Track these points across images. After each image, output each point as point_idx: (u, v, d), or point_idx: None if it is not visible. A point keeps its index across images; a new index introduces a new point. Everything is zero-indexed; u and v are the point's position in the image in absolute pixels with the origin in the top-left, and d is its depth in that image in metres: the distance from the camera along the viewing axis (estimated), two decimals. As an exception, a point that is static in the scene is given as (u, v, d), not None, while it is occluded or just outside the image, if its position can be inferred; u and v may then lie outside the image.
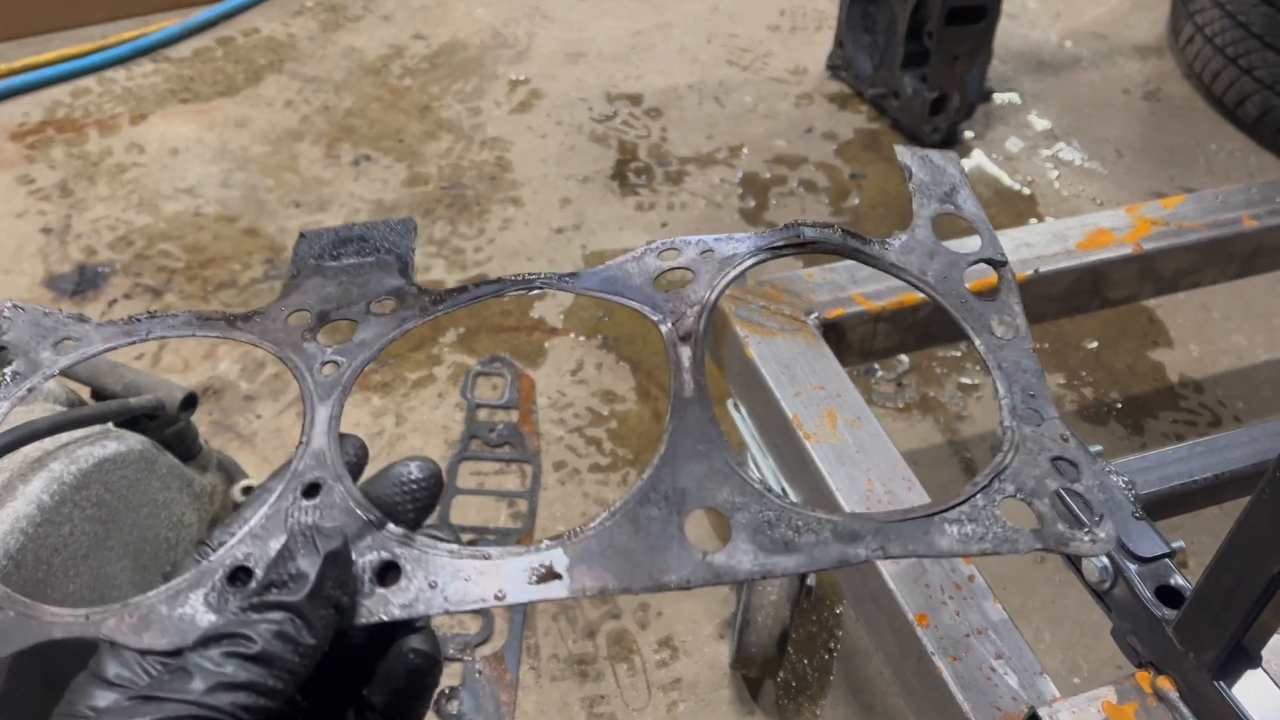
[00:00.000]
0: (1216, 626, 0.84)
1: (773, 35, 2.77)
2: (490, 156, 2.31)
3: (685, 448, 0.51)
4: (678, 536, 0.47)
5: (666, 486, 0.49)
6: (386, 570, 0.49)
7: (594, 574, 0.47)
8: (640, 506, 0.48)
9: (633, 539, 0.47)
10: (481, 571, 0.47)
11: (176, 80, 2.47)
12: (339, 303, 0.62)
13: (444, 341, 1.87)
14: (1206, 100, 2.56)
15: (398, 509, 0.53)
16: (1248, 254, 1.54)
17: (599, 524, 0.49)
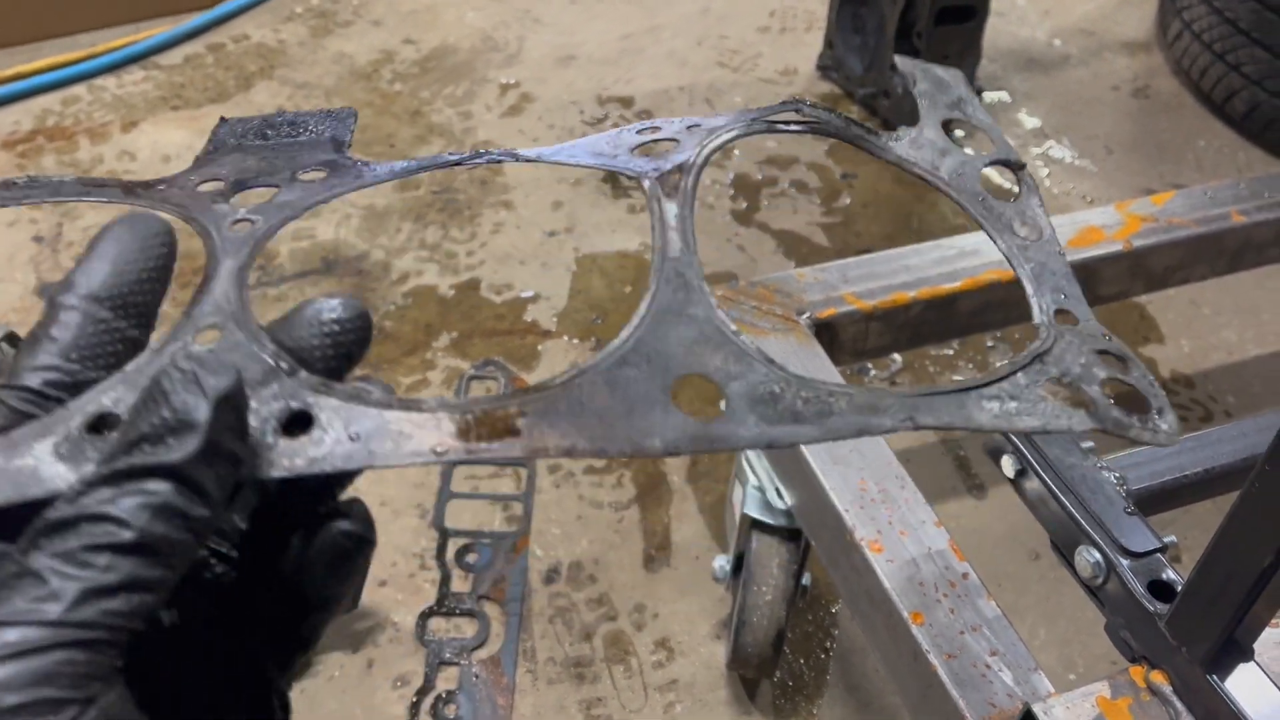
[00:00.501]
0: (1208, 620, 0.85)
1: (763, 37, 2.78)
2: (482, 160, 2.31)
3: (671, 311, 0.43)
4: (661, 399, 0.40)
5: (648, 349, 0.41)
6: (296, 421, 0.39)
7: (559, 432, 0.38)
8: (616, 368, 0.41)
9: (608, 398, 0.40)
10: (418, 424, 0.38)
11: (167, 87, 2.47)
12: (259, 172, 0.53)
13: (437, 346, 1.88)
14: (1195, 96, 2.57)
15: (314, 355, 0.43)
16: (1236, 249, 1.55)
17: (564, 380, 0.40)
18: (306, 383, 0.40)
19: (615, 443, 0.39)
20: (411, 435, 0.38)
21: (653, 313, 0.43)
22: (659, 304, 0.43)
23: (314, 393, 0.39)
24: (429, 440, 0.38)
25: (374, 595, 1.50)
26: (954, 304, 1.42)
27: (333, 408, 0.39)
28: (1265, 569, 0.78)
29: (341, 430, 0.38)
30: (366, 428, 0.38)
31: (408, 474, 1.66)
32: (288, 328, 0.43)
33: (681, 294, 0.44)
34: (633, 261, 2.08)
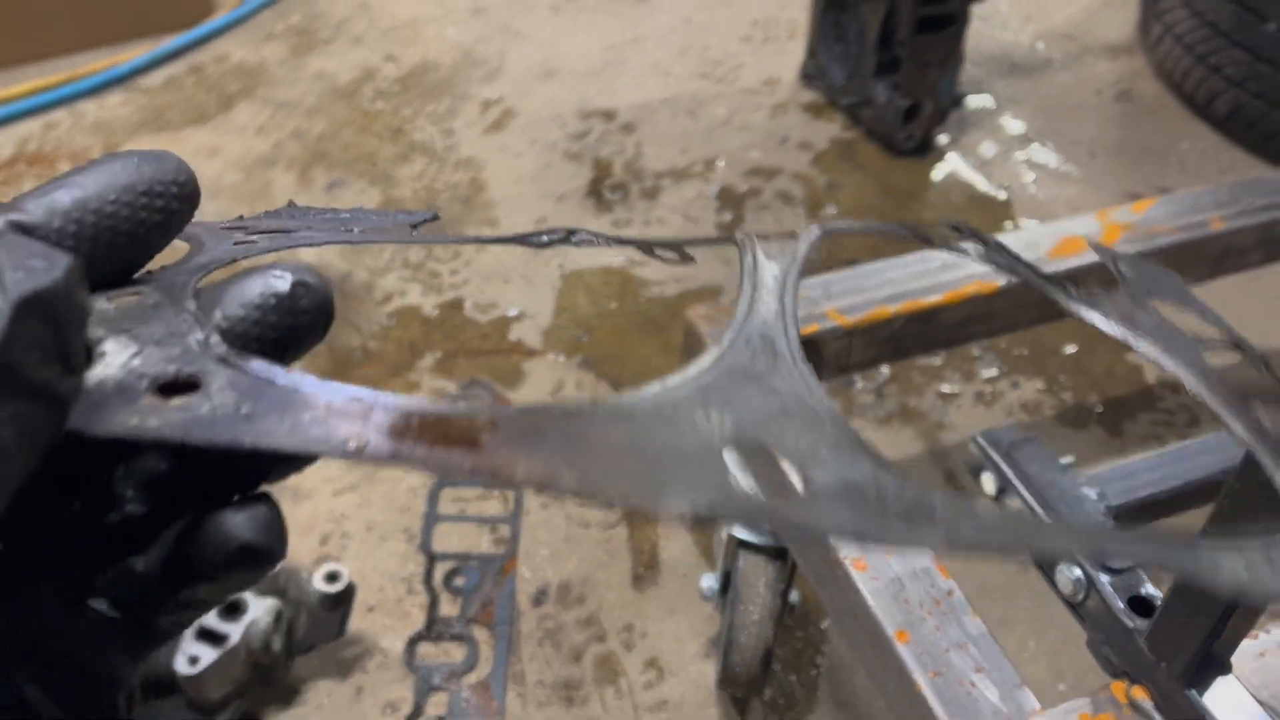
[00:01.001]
0: (1186, 635, 0.85)
1: (745, 46, 2.78)
2: (464, 178, 2.31)
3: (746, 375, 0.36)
4: (705, 453, 0.31)
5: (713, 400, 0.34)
6: (176, 385, 0.31)
7: (536, 458, 0.30)
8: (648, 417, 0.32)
9: (624, 438, 0.31)
10: (340, 412, 0.30)
11: (148, 110, 2.47)
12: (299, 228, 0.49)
13: (421, 366, 1.87)
14: (1177, 99, 2.57)
15: (248, 334, 0.35)
16: (1217, 255, 1.55)
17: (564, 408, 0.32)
18: (215, 352, 0.32)
19: (617, 487, 0.30)
20: (324, 420, 0.30)
21: (718, 371, 0.36)
22: (729, 364, 0.36)
23: (220, 363, 0.32)
24: (344, 429, 0.30)
25: (362, 621, 1.50)
26: (936, 317, 1.41)
27: (233, 380, 0.31)
28: (1242, 587, 0.77)
29: (230, 403, 0.30)
30: (266, 405, 0.30)
31: (395, 498, 1.65)
32: (219, 295, 0.36)
33: (765, 361, 0.37)
34: (618, 277, 2.07)
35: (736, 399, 0.35)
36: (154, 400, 0.31)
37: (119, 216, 0.35)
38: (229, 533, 0.33)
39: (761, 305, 0.40)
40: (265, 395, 0.31)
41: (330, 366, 1.85)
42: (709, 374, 0.35)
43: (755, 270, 0.42)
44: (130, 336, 0.33)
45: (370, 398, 0.31)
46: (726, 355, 0.37)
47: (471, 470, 0.30)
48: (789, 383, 0.36)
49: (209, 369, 0.32)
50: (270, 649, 1.29)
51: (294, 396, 0.31)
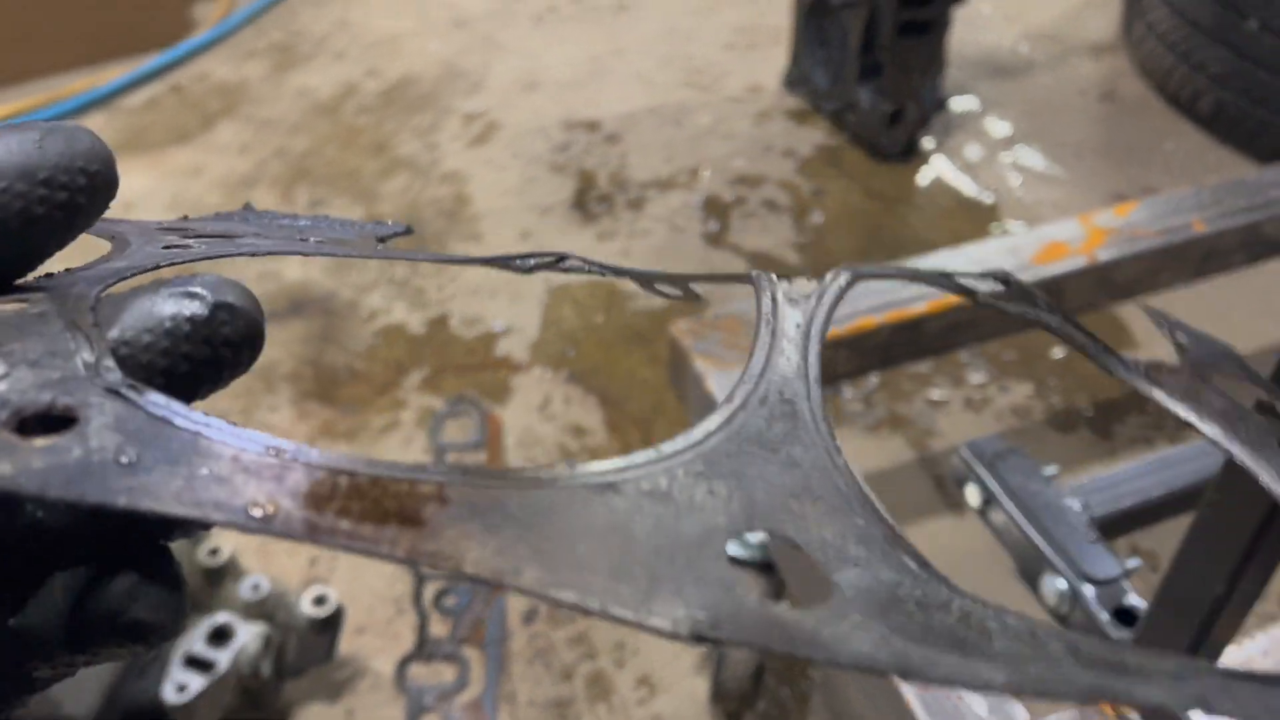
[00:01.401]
0: (1169, 646, 0.84)
1: (729, 54, 2.77)
2: (449, 192, 2.30)
3: (760, 442, 0.30)
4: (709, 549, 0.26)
5: (720, 472, 0.28)
6: (48, 420, 0.25)
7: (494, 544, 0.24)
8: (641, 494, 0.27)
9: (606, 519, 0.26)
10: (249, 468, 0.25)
11: (129, 131, 2.46)
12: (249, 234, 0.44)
13: (408, 384, 1.87)
14: (1161, 98, 2.57)
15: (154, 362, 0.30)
16: (1200, 258, 1.55)
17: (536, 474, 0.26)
18: (105, 380, 0.26)
19: (592, 587, 0.24)
20: (228, 478, 0.24)
21: (727, 435, 0.30)
22: (740, 427, 0.30)
23: (108, 395, 0.26)
24: (251, 491, 0.24)
25: (352, 643, 1.49)
26: (921, 326, 1.41)
27: (120, 417, 0.25)
28: (1219, 596, 0.77)
29: (111, 448, 0.25)
30: (157, 453, 0.25)
31: (382, 517, 1.65)
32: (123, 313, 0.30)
33: (783, 426, 0.31)
34: (604, 290, 2.07)
35: (748, 472, 0.28)
36: (11, 437, 0.24)
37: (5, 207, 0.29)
38: (117, 605, 0.29)
39: (781, 358, 0.34)
40: (158, 441, 0.25)
41: (315, 387, 1.84)
42: (715, 439, 0.29)
43: (775, 316, 0.36)
44: None
45: (291, 451, 0.25)
46: (738, 416, 0.31)
47: (408, 554, 0.24)
48: (811, 453, 0.30)
49: (91, 401, 0.26)
50: (259, 674, 1.28)
51: (194, 445, 0.25)
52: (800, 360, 0.34)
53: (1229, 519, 0.76)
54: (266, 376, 1.86)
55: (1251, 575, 0.79)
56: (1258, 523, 0.75)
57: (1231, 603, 0.80)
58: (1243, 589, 0.80)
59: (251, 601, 1.31)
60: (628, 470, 0.27)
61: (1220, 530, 0.77)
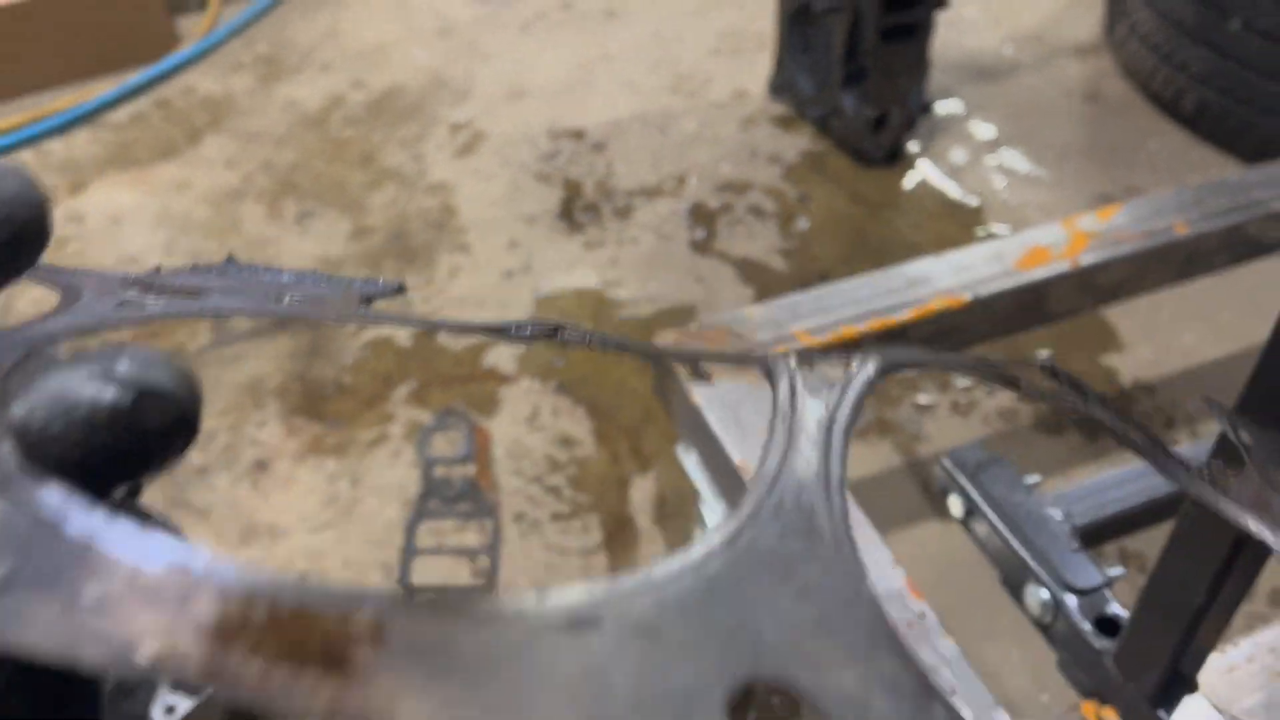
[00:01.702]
0: (1152, 655, 0.85)
1: (714, 60, 2.78)
2: (435, 203, 2.30)
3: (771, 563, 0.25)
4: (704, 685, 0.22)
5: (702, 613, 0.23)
6: None
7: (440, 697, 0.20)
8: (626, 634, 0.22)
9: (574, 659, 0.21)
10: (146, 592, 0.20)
11: (115, 147, 2.46)
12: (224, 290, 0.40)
13: (396, 398, 1.87)
14: (1145, 98, 2.58)
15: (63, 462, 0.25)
16: (1183, 260, 1.55)
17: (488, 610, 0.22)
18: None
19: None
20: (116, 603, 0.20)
21: (734, 555, 0.25)
22: (749, 544, 0.26)
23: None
24: (142, 622, 0.20)
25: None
26: (904, 334, 1.41)
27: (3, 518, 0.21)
28: (1199, 606, 0.78)
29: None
30: (33, 569, 0.20)
31: (372, 533, 1.65)
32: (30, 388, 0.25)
33: (799, 543, 0.26)
34: (591, 298, 2.07)
35: (756, 602, 0.24)
36: None
37: None
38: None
39: (799, 458, 0.29)
40: (40, 550, 0.21)
41: (303, 402, 1.84)
42: (718, 560, 0.25)
43: (793, 408, 0.31)
44: None
45: (201, 569, 0.20)
46: (746, 530, 0.26)
47: (329, 708, 0.19)
48: (832, 579, 0.25)
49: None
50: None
51: (83, 558, 0.21)
52: (821, 462, 0.29)
53: (1208, 526, 0.77)
54: (254, 392, 1.86)
55: (1232, 583, 0.79)
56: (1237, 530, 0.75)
57: (1213, 610, 0.80)
58: (1224, 597, 0.80)
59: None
60: (610, 599, 0.22)
61: (1200, 538, 0.78)
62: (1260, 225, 1.58)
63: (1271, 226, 1.59)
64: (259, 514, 1.67)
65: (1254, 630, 1.02)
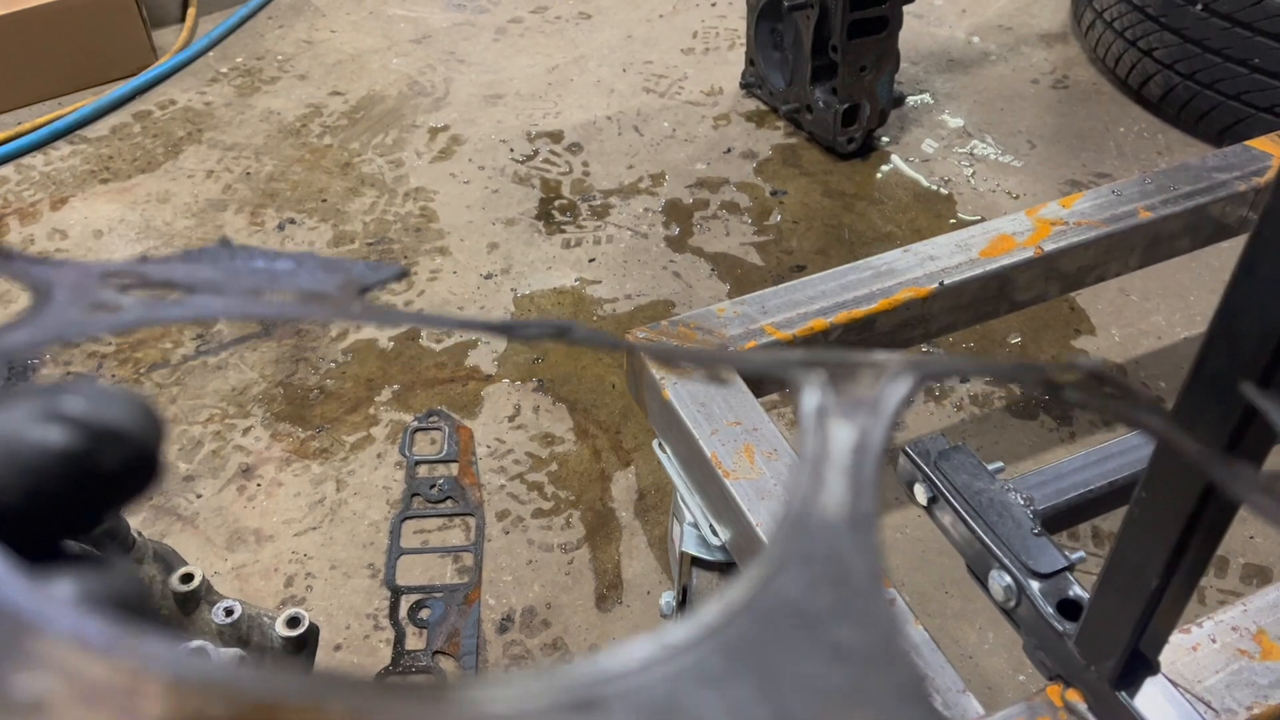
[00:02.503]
0: (1112, 637, 0.87)
1: (687, 59, 2.80)
2: (414, 208, 2.33)
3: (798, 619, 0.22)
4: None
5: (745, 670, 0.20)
6: None
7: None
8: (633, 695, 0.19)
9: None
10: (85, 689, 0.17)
11: (95, 160, 2.48)
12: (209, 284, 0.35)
13: (379, 400, 1.89)
14: (1112, 83, 2.61)
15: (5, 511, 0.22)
16: (1146, 245, 1.58)
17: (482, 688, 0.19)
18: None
19: None
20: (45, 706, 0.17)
21: (754, 616, 0.21)
22: (775, 599, 0.22)
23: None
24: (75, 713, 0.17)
25: (329, 660, 1.52)
26: (873, 324, 1.44)
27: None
28: (1155, 589, 0.80)
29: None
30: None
31: (357, 535, 1.67)
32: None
33: (829, 594, 0.22)
34: (570, 297, 2.10)
35: (782, 668, 0.20)
36: None
37: None
38: None
39: (828, 495, 0.25)
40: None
41: (288, 408, 1.87)
42: (740, 622, 0.21)
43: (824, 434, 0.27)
44: None
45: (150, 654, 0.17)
46: (771, 584, 0.22)
47: None
48: (867, 636, 0.21)
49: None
50: (238, 697, 1.31)
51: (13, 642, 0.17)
52: (852, 498, 0.25)
53: (1161, 510, 0.79)
54: (239, 400, 1.88)
55: (1186, 566, 0.82)
56: (1188, 515, 0.78)
57: (1169, 591, 0.83)
58: (1179, 579, 0.83)
59: (225, 625, 1.33)
60: (616, 676, 0.19)
61: (1153, 521, 0.80)
62: (1222, 208, 1.61)
63: (1233, 208, 1.62)
64: (245, 519, 1.70)
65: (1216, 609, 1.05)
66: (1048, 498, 1.03)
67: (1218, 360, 0.70)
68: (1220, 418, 0.71)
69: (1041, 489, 1.04)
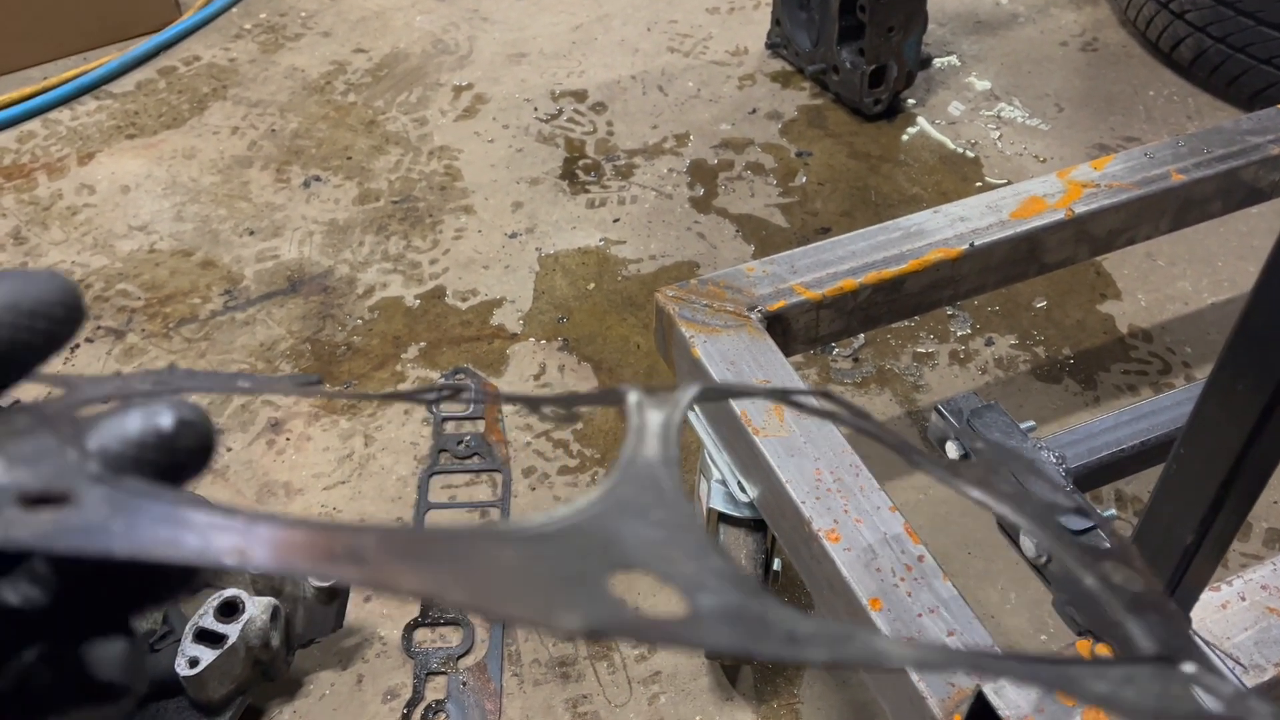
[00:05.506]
0: (1144, 593, 0.88)
1: (712, 18, 2.79)
2: (439, 166, 2.33)
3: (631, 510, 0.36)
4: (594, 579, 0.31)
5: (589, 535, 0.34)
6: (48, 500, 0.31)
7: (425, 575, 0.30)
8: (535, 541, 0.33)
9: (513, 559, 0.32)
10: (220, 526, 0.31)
11: (121, 116, 2.48)
12: None
13: (406, 358, 1.90)
14: (1143, 46, 2.59)
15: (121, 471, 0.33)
16: (1177, 208, 1.57)
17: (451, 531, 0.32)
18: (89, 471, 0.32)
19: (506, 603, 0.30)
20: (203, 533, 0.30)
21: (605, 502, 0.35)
22: (616, 499, 0.36)
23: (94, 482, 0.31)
24: (224, 542, 0.30)
25: (359, 611, 1.53)
26: (902, 285, 1.44)
27: (108, 496, 0.31)
28: (1188, 546, 0.81)
29: (103, 515, 0.30)
30: (144, 520, 0.30)
31: (385, 489, 1.69)
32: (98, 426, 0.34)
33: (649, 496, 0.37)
34: (594, 257, 2.10)
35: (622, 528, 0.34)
36: (17, 512, 0.30)
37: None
38: (89, 668, 0.32)
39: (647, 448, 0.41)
40: (142, 511, 0.30)
41: (315, 365, 1.88)
42: (596, 506, 0.35)
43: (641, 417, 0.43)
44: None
45: (253, 514, 0.30)
46: (613, 491, 0.37)
47: (359, 580, 0.30)
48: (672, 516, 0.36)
49: (81, 485, 0.31)
50: (269, 645, 1.33)
51: (173, 514, 0.30)
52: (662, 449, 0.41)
53: (1197, 469, 0.80)
54: (267, 355, 1.90)
55: (1221, 524, 0.82)
56: (1225, 472, 0.78)
57: (1202, 551, 0.83)
58: (1212, 537, 0.83)
59: (259, 575, 1.35)
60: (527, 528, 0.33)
61: (1189, 480, 0.81)
62: (1255, 171, 1.60)
63: (1266, 172, 1.61)
64: (275, 473, 1.71)
65: (1248, 569, 1.06)
66: (1079, 456, 1.04)
67: (1262, 318, 0.70)
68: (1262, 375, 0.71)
69: (1074, 448, 1.04)
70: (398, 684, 1.47)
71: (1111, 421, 1.06)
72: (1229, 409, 0.74)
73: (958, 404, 1.09)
